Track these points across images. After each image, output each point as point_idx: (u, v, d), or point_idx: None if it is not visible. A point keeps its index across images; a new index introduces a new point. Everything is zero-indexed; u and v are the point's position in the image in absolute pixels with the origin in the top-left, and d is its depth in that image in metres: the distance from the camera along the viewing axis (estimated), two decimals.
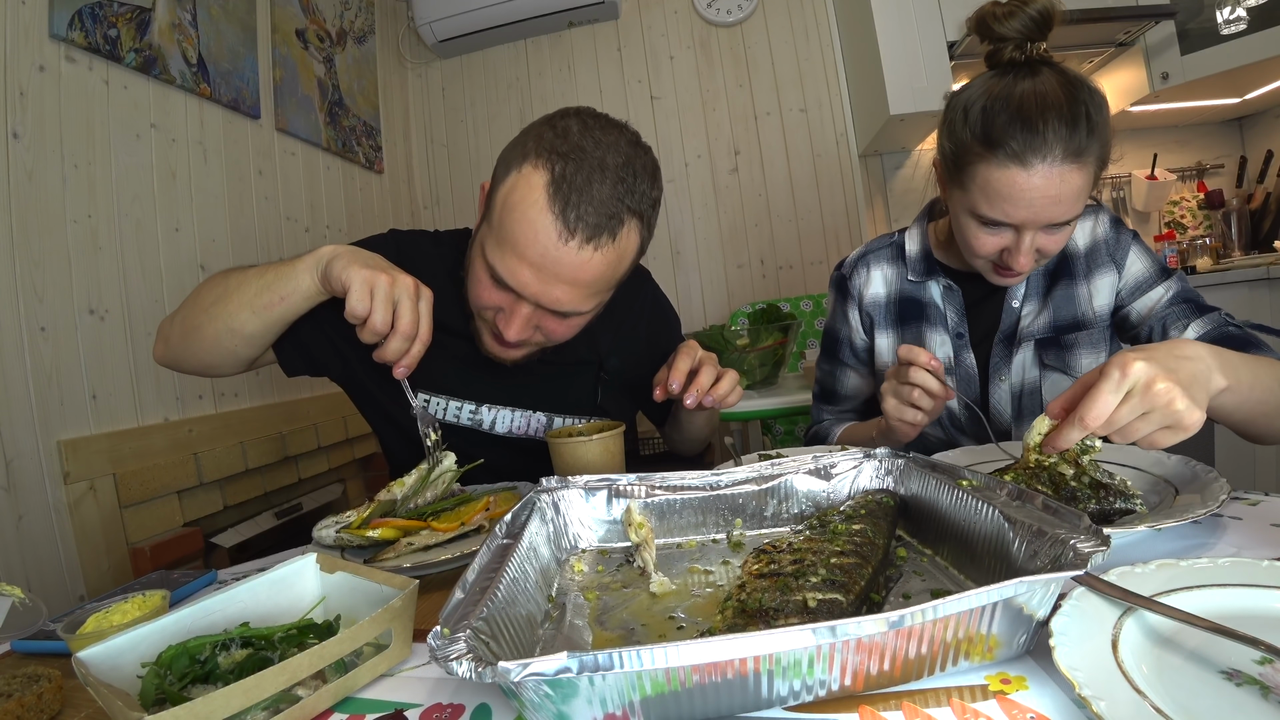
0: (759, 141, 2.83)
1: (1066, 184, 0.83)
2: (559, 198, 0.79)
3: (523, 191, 0.81)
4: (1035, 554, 0.46)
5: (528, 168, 0.82)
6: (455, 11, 2.67)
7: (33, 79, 1.40)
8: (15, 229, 1.34)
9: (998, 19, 0.88)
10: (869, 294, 1.13)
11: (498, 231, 0.84)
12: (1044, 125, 0.82)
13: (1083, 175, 0.84)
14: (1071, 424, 0.60)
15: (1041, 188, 0.83)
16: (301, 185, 2.27)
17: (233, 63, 1.96)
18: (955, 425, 1.09)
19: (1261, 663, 0.38)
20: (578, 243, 0.80)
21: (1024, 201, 0.84)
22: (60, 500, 1.36)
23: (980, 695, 0.40)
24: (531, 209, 0.80)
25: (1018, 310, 1.03)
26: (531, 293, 0.83)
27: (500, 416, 1.05)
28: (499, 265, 0.84)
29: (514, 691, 0.37)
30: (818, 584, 0.48)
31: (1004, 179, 0.84)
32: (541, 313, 0.87)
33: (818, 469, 0.71)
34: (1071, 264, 1.02)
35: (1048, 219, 0.86)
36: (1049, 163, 0.82)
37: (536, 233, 0.80)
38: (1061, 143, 0.82)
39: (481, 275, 0.88)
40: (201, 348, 0.89)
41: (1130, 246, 1.00)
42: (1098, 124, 0.84)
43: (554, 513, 0.68)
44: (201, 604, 0.54)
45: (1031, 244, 0.88)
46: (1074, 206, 0.86)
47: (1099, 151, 0.85)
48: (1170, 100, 2.36)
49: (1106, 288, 1.00)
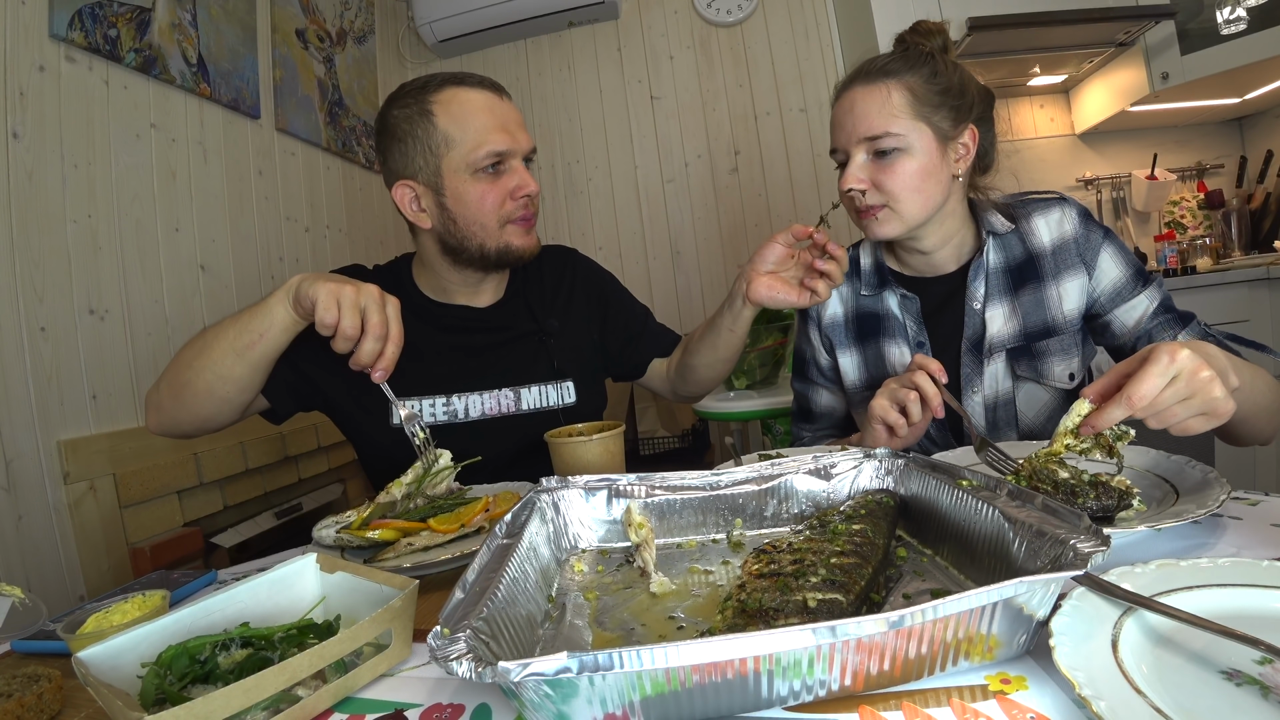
0: (759, 141, 2.83)
1: (868, 96, 0.96)
2: (470, 82, 1.03)
3: (456, 102, 1.01)
4: (1035, 554, 0.46)
5: (441, 97, 1.02)
6: (455, 11, 2.67)
7: (33, 79, 1.40)
8: (15, 229, 1.34)
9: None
10: (827, 315, 1.13)
11: (468, 138, 1.00)
12: (857, 69, 1.00)
13: (885, 89, 0.95)
14: (1117, 403, 0.61)
15: (846, 106, 0.99)
16: (301, 185, 2.27)
17: (233, 63, 1.95)
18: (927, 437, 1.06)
19: (1261, 663, 0.38)
20: (504, 96, 1.06)
21: (837, 123, 1.01)
22: (60, 500, 1.36)
23: (980, 695, 0.40)
24: (473, 100, 1.02)
25: (980, 313, 1.00)
26: (519, 142, 1.03)
27: (471, 402, 1.10)
28: (492, 146, 1.00)
29: (514, 691, 0.37)
30: (818, 584, 0.48)
31: (836, 108, 1.01)
32: (525, 170, 1.06)
33: (818, 469, 0.71)
34: (1038, 263, 0.99)
35: (859, 132, 0.96)
36: (852, 87, 0.98)
37: (490, 104, 1.03)
38: (860, 73, 0.99)
39: (476, 183, 1.02)
40: (195, 402, 0.94)
41: (1102, 246, 0.97)
42: (901, 55, 0.98)
43: (554, 513, 0.68)
44: (201, 604, 0.54)
45: (860, 166, 0.97)
46: (878, 120, 0.95)
47: (912, 78, 0.96)
48: (1170, 100, 2.35)
49: (1076, 290, 0.97)
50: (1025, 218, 1.01)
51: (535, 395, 1.12)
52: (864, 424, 0.93)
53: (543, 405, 1.12)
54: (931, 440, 1.07)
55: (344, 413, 1.11)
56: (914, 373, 0.84)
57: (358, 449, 1.17)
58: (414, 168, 1.03)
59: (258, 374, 0.94)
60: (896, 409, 0.85)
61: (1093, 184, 2.70)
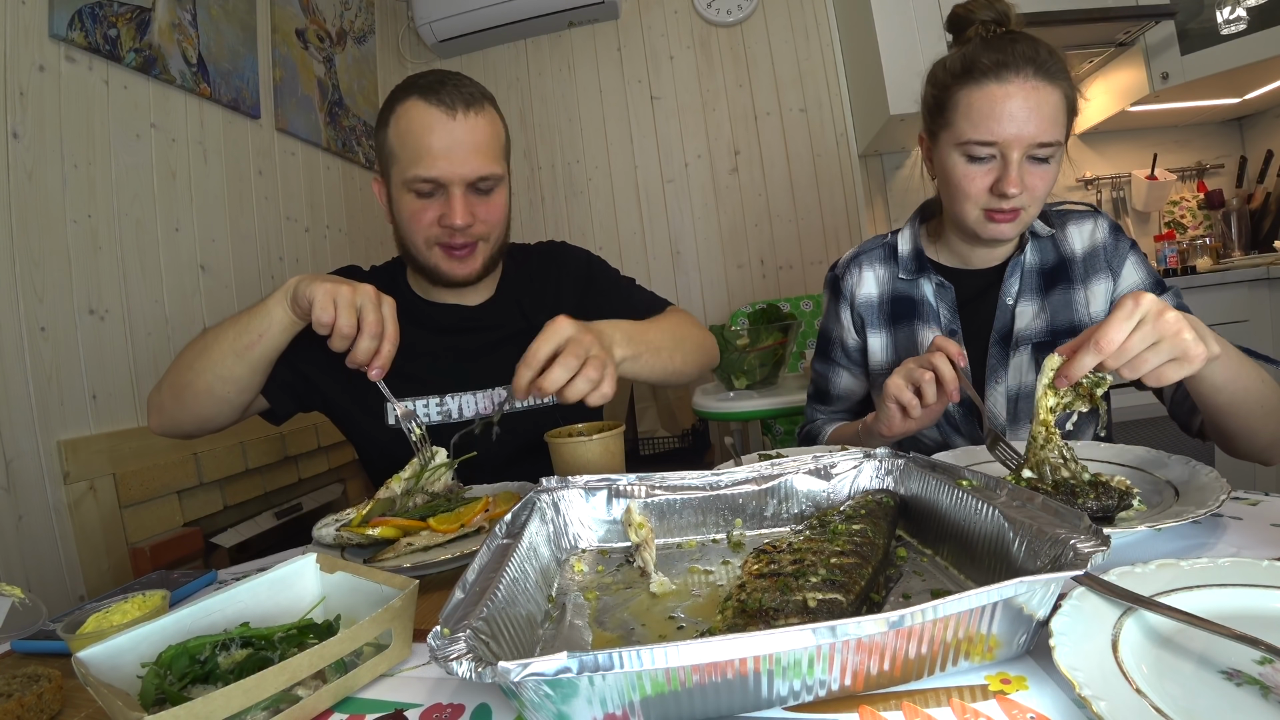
0: (759, 141, 2.83)
1: (1041, 98, 0.90)
2: (430, 96, 0.97)
3: (406, 116, 0.98)
4: (1035, 554, 0.46)
5: (400, 108, 0.98)
6: (455, 11, 2.67)
7: (33, 79, 1.40)
8: (15, 229, 1.34)
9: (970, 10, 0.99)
10: (861, 294, 1.14)
11: (405, 156, 0.98)
12: (1012, 48, 0.91)
13: (1055, 94, 0.91)
14: (1085, 350, 0.62)
15: (1019, 99, 0.90)
16: (301, 185, 2.27)
17: (233, 63, 1.96)
18: (951, 424, 1.08)
19: (1261, 663, 0.38)
20: (461, 113, 0.97)
21: (1005, 114, 0.91)
22: (60, 500, 1.36)
23: (980, 695, 0.40)
24: (419, 118, 0.97)
25: (1012, 308, 1.03)
26: (454, 169, 0.97)
27: (464, 401, 1.10)
28: (420, 171, 0.96)
29: (514, 691, 0.37)
30: (818, 584, 0.48)
31: (983, 96, 0.92)
32: (469, 197, 1.00)
33: (818, 469, 0.71)
34: (1069, 267, 1.02)
35: (1030, 135, 0.90)
36: (1022, 76, 0.90)
37: (433, 124, 0.96)
38: (1030, 62, 0.90)
39: (411, 200, 1.00)
40: (195, 402, 0.95)
41: (1128, 256, 1.01)
42: (1059, 57, 0.92)
43: (554, 513, 0.68)
44: (201, 604, 0.54)
45: (1019, 166, 0.92)
46: (1052, 127, 0.91)
47: (1066, 83, 0.92)
48: (1170, 100, 2.35)
49: (1102, 294, 1.01)
50: (1061, 225, 1.05)
51: None
52: (879, 403, 0.93)
53: (536, 403, 1.12)
54: (956, 429, 1.08)
55: (342, 412, 1.11)
56: (933, 354, 0.84)
57: (357, 448, 1.17)
58: (382, 166, 1.06)
59: (257, 374, 0.95)
60: (911, 389, 0.85)
61: (1093, 184, 2.70)
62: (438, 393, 1.09)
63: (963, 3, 1.00)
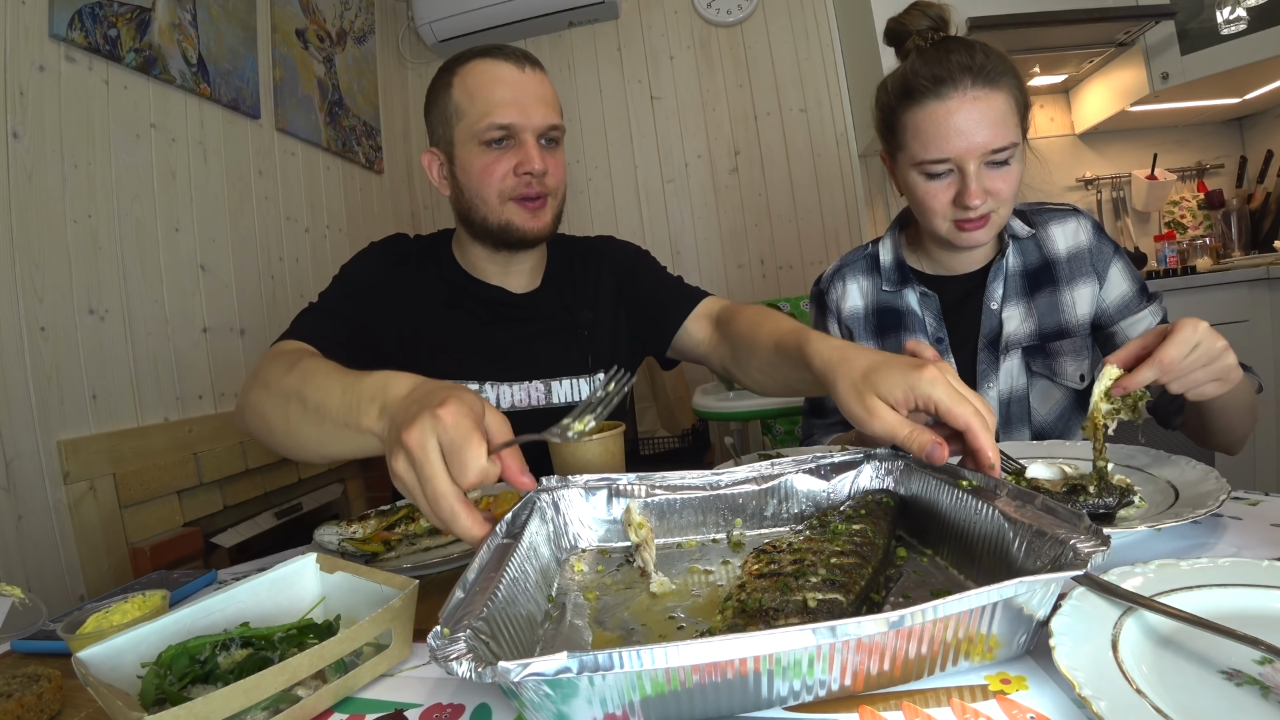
0: (759, 141, 2.83)
1: (985, 106, 0.90)
2: (497, 54, 1.02)
3: (473, 73, 1.01)
4: (1035, 554, 0.46)
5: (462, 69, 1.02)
6: (455, 11, 2.67)
7: (33, 79, 1.40)
8: (15, 229, 1.34)
9: (903, 22, 1.00)
10: (847, 307, 1.14)
11: (475, 110, 1.00)
12: (947, 60, 0.91)
13: (999, 98, 0.90)
14: (1149, 366, 0.66)
15: (961, 113, 0.90)
16: (301, 185, 2.27)
17: (233, 63, 1.96)
18: None
19: (1261, 663, 0.38)
20: (529, 68, 1.02)
21: (952, 130, 0.90)
22: (60, 500, 1.36)
23: (980, 695, 0.40)
24: (488, 70, 1.01)
25: (998, 313, 1.03)
26: (528, 117, 1.00)
27: (502, 393, 1.09)
28: (495, 118, 0.98)
29: (514, 691, 0.37)
30: (818, 584, 0.48)
31: (926, 116, 0.92)
32: (540, 149, 1.02)
33: (818, 469, 0.71)
34: (1054, 269, 1.03)
35: (981, 144, 0.90)
36: (961, 89, 0.90)
37: (504, 76, 1.00)
38: (968, 71, 0.90)
39: (481, 154, 1.01)
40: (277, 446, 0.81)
41: (1113, 260, 1.01)
42: (997, 56, 0.91)
43: (554, 512, 0.68)
44: (201, 604, 0.54)
45: (978, 178, 0.91)
46: (1002, 131, 0.90)
47: (1012, 81, 0.92)
48: (1170, 100, 2.35)
49: (1087, 297, 1.01)
50: (1042, 225, 1.04)
51: (566, 389, 1.11)
52: None
53: (573, 399, 1.11)
54: None
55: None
56: None
57: None
58: (436, 136, 1.06)
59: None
60: None
61: (1093, 184, 2.70)
62: (478, 379, 1.07)
63: (896, 16, 1.01)
